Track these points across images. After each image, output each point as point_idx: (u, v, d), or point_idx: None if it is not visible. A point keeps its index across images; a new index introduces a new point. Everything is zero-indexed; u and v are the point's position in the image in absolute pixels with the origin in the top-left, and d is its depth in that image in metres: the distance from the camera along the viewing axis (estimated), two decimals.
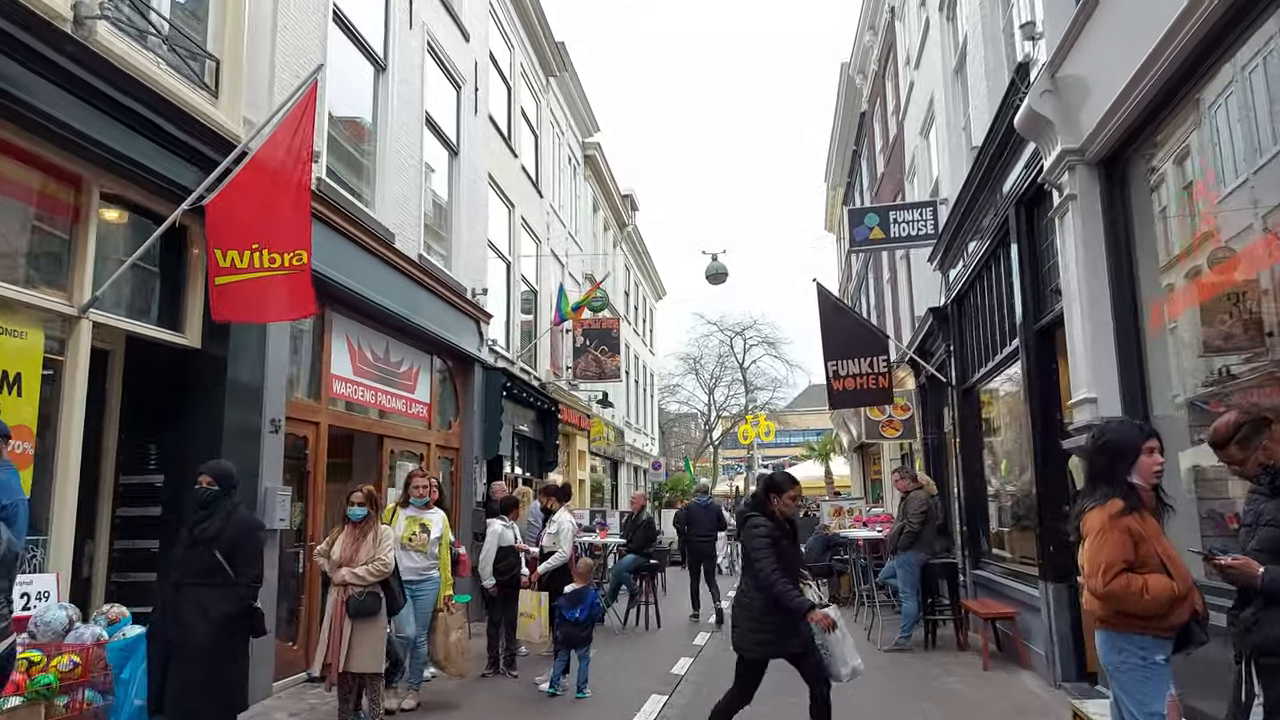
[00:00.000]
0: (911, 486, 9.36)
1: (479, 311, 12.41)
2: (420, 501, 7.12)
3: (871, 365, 10.80)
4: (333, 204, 8.37)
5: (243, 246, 5.20)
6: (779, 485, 5.11)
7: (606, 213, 24.18)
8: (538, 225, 16.50)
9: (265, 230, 5.24)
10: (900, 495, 9.47)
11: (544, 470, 16.40)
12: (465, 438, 12.23)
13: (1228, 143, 4.48)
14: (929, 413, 13.19)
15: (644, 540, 11.87)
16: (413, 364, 10.78)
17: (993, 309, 9.11)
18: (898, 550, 9.17)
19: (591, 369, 18.67)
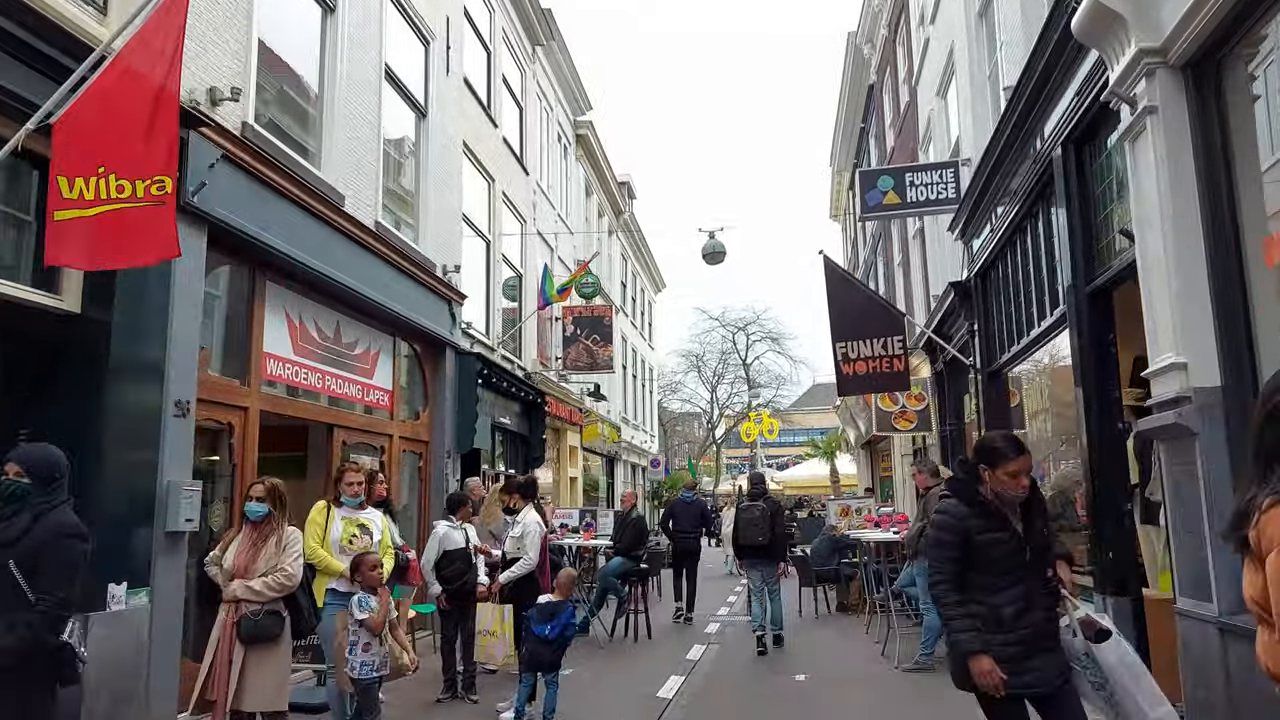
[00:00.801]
0: (932, 482, 8.16)
1: (451, 291, 11.24)
2: (353, 501, 5.95)
3: (885, 346, 9.60)
4: (262, 154, 7.21)
5: (89, 173, 4.03)
6: (997, 453, 3.47)
7: (601, 198, 23.01)
8: (522, 204, 15.33)
9: (118, 152, 4.07)
10: (918, 492, 8.27)
11: (529, 467, 15.21)
12: (436, 430, 11.06)
13: None
14: (947, 402, 12.00)
15: (633, 542, 10.70)
16: (371, 346, 9.62)
17: (1027, 278, 7.93)
18: (917, 555, 7.97)
19: (582, 359, 17.49)
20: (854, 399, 19.60)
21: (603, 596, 10.82)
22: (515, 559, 7.01)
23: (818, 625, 11.84)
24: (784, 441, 59.14)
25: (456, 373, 11.45)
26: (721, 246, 13.45)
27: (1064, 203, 6.34)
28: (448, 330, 11.16)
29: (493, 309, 13.56)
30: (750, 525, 9.39)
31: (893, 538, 9.31)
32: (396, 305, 9.74)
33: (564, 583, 6.43)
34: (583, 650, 9.89)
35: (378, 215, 9.52)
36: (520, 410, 14.78)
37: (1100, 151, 6.01)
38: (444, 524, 7.26)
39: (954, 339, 10.28)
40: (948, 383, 11.82)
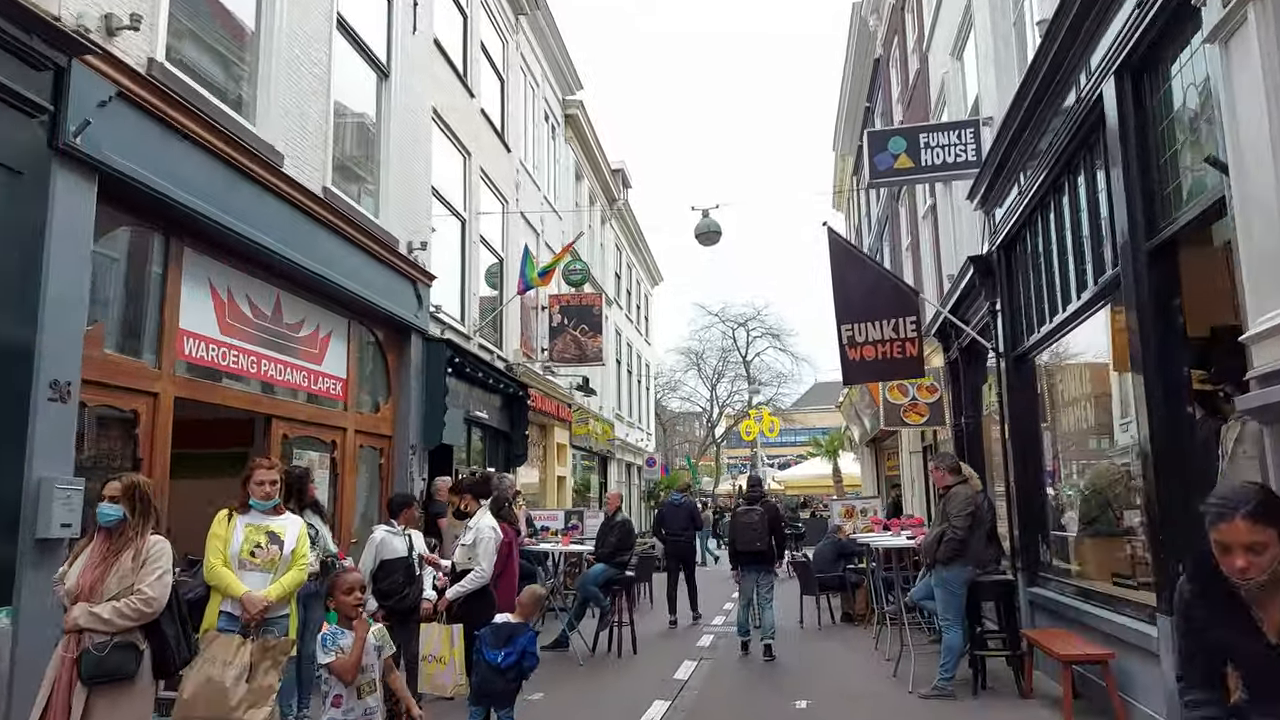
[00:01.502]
0: (953, 480, 7.13)
1: (416, 270, 10.20)
2: (264, 504, 4.91)
3: (897, 329, 8.56)
4: (176, 98, 6.19)
5: None
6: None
7: (593, 184, 21.97)
8: (503, 182, 14.29)
9: None
10: (940, 492, 7.23)
11: (510, 465, 14.18)
12: (400, 423, 10.03)
13: None
14: (962, 393, 10.94)
15: (617, 546, 9.67)
16: (320, 327, 8.59)
17: (1063, 246, 6.91)
18: (937, 563, 6.94)
19: (570, 351, 16.45)
20: (860, 394, 18.56)
21: (583, 607, 9.80)
22: (466, 571, 5.96)
23: (821, 637, 10.80)
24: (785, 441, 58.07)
25: (424, 361, 10.42)
26: (716, 225, 12.42)
27: (1118, 145, 5.30)
28: (413, 313, 10.12)
29: (469, 293, 12.52)
30: (747, 530, 8.92)
31: (907, 543, 8.25)
32: (351, 283, 8.71)
33: (527, 602, 5.39)
34: (558, 668, 8.88)
35: (327, 181, 8.49)
36: (501, 404, 13.74)
37: (1163, 80, 4.97)
38: (382, 529, 6.24)
39: (972, 321, 9.23)
40: (963, 372, 10.77)
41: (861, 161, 19.24)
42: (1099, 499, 7.49)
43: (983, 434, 10.52)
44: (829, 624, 11.64)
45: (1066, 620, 6.96)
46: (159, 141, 6.05)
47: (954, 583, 6.90)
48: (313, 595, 5.86)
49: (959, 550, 6.85)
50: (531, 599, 5.31)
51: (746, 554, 9.01)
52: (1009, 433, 8.28)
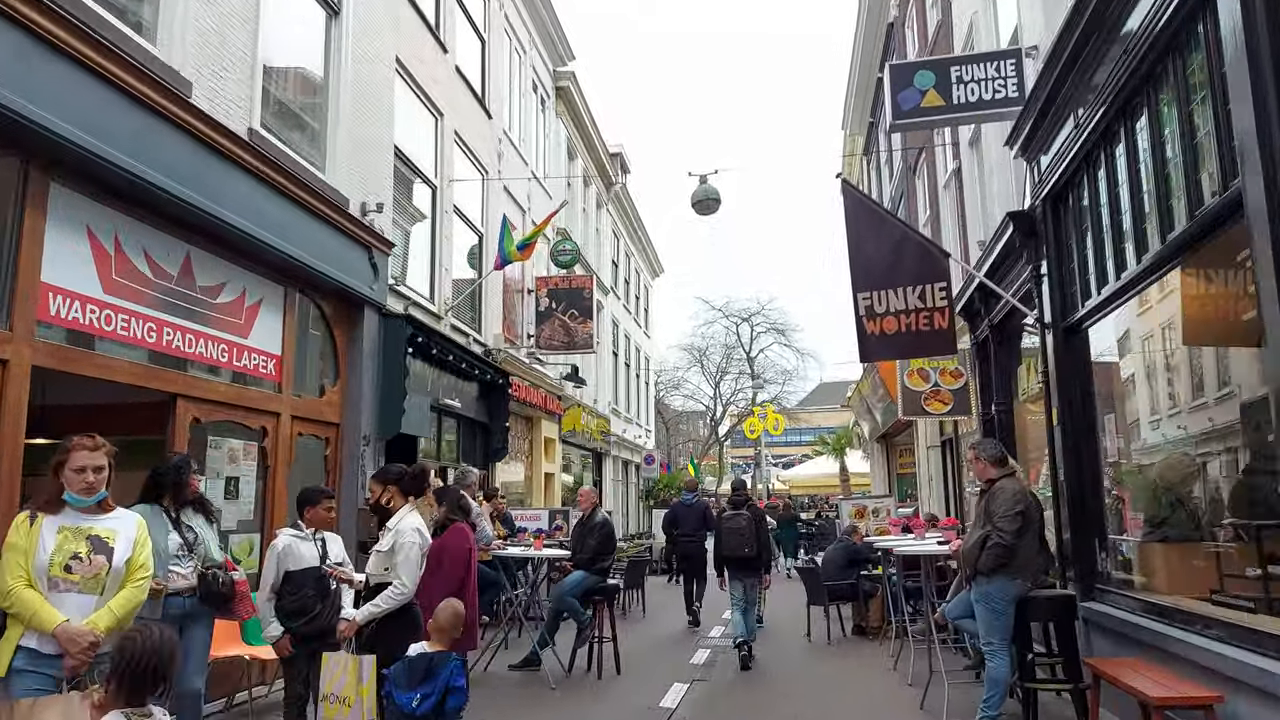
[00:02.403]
0: (997, 472, 5.83)
1: (371, 236, 8.94)
2: (83, 500, 3.65)
3: (924, 297, 7.27)
4: (46, 5, 4.95)
5: None
6: None
7: (587, 164, 20.69)
8: (483, 151, 13.03)
9: None
10: (981, 487, 5.92)
11: (489, 460, 12.94)
12: (349, 409, 8.77)
13: None
14: (993, 377, 9.65)
15: (596, 552, 8.40)
16: (246, 294, 7.33)
17: (1136, 185, 5.62)
18: (978, 575, 5.64)
19: (558, 337, 15.18)
20: (871, 386, 17.26)
21: (556, 620, 8.54)
22: (381, 586, 4.67)
23: (831, 654, 9.53)
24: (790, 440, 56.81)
25: (380, 339, 9.16)
26: (714, 193, 11.13)
27: (1236, 34, 4.01)
28: (367, 284, 8.86)
29: (440, 267, 11.26)
30: (735, 535, 8.65)
31: (939, 549, 6.92)
32: (288, 245, 7.46)
33: (444, 624, 4.13)
34: (525, 691, 7.69)
35: (254, 122, 7.22)
36: (479, 393, 12.49)
37: None
38: (287, 533, 4.99)
39: (1010, 289, 7.92)
40: (995, 353, 9.47)
41: (879, 116, 17.96)
42: (1169, 495, 6.21)
43: (1015, 424, 9.22)
44: (839, 636, 10.38)
45: (1136, 645, 5.68)
46: (13, 49, 4.80)
47: (999, 598, 5.60)
48: (189, 616, 4.61)
49: (1005, 558, 5.56)
50: (449, 618, 4.06)
51: (735, 560, 8.74)
52: (1059, 419, 6.98)
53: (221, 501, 6.91)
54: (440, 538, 6.17)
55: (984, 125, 9.28)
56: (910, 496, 18.03)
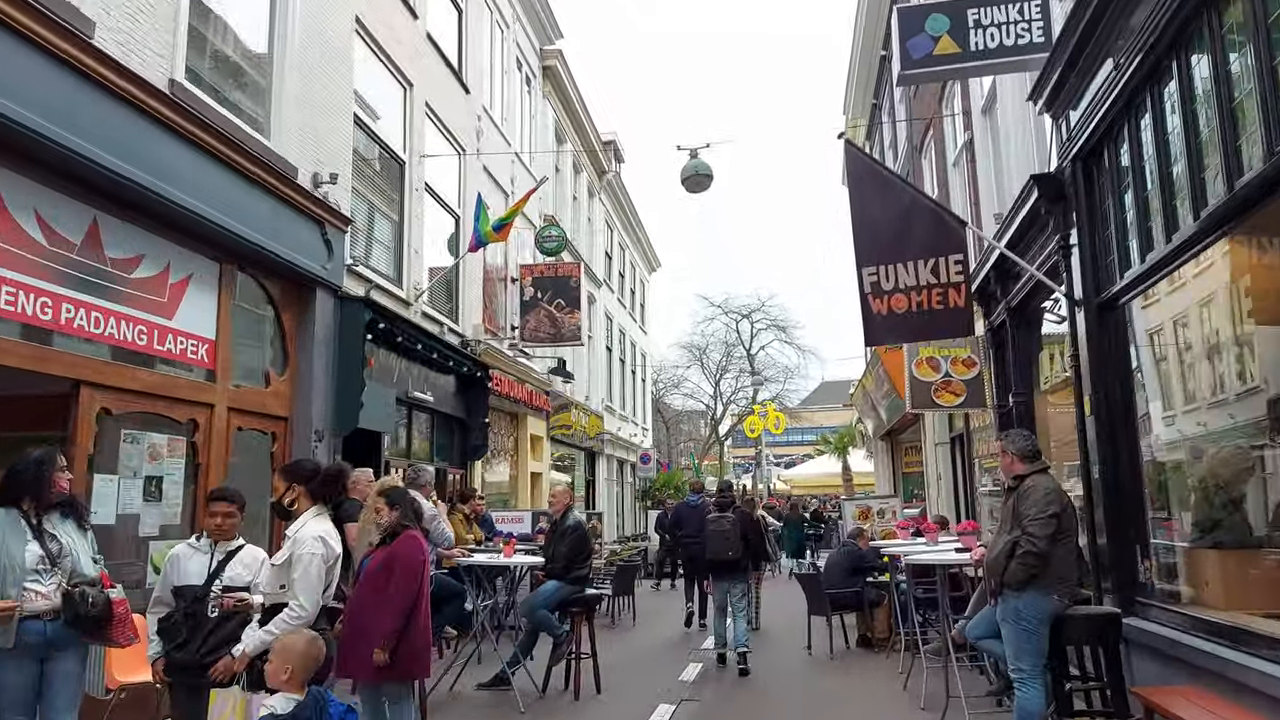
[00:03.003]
0: (1027, 468, 4.97)
1: (324, 210, 8.11)
2: None
3: (937, 271, 6.42)
4: None
5: None
6: None
7: (578, 150, 19.84)
8: (459, 127, 12.18)
9: None
10: (1008, 484, 5.06)
11: (467, 459, 12.10)
12: (300, 402, 7.94)
13: None
14: (1009, 366, 8.81)
15: (570, 558, 7.54)
16: (171, 269, 6.49)
17: (1194, 130, 4.79)
18: (1005, 588, 4.79)
19: (544, 329, 14.33)
20: (875, 381, 16.39)
21: (534, 638, 7.69)
22: (275, 608, 3.80)
23: (835, 670, 8.69)
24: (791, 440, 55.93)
25: (335, 324, 8.33)
26: (706, 168, 10.28)
27: None
28: (319, 263, 8.02)
29: (409, 250, 10.41)
30: (719, 538, 8.42)
31: (957, 558, 6.05)
32: (223, 215, 6.63)
33: (296, 661, 3.26)
34: (495, 713, 6.94)
35: (177, 74, 6.38)
36: (456, 387, 11.65)
37: None
38: (185, 542, 4.14)
39: (1034, 264, 7.05)
40: (1012, 339, 8.61)
41: (883, 95, 17.11)
42: (1222, 496, 5.38)
43: (1036, 417, 8.37)
44: (842, 649, 9.53)
45: (1186, 669, 4.84)
46: None
47: (1030, 616, 4.75)
48: (53, 644, 3.78)
49: (1037, 569, 4.70)
50: (301, 654, 3.20)
51: (718, 563, 8.51)
52: (1092, 407, 6.13)
53: (140, 504, 6.08)
54: (389, 546, 5.36)
55: (1001, 86, 8.43)
56: (916, 496, 17.18)
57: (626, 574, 12.18)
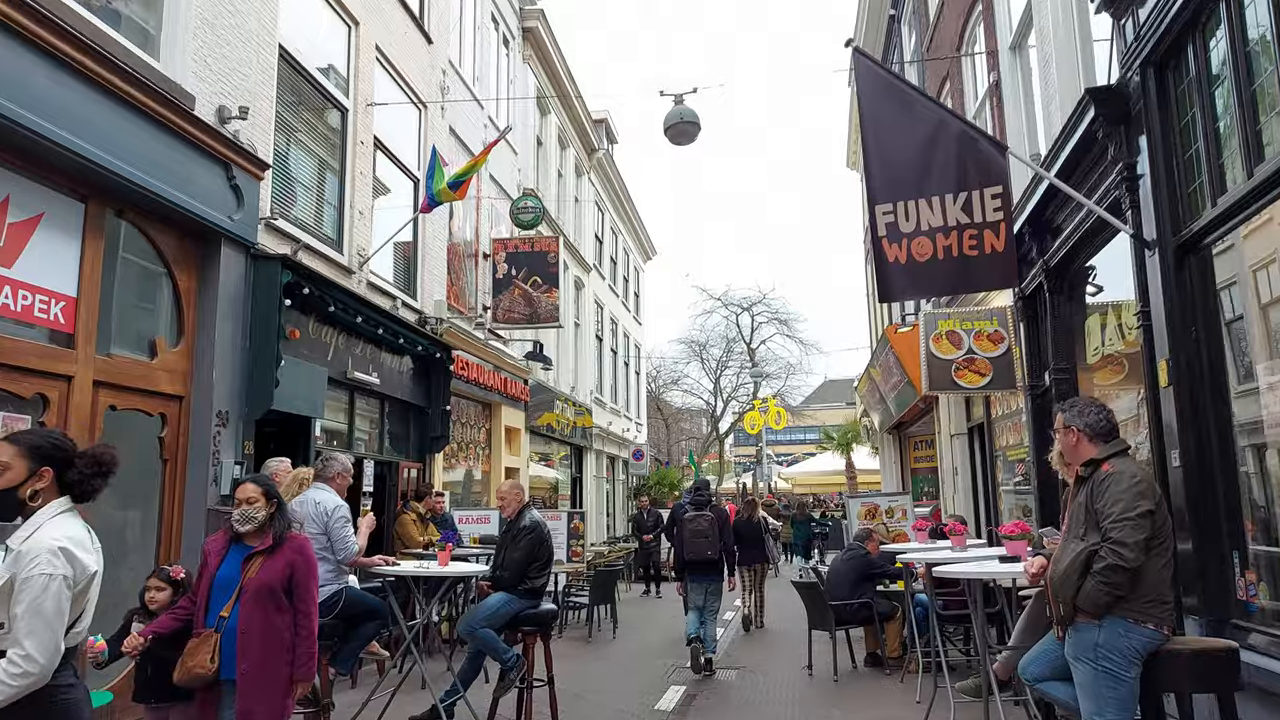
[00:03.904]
0: (1103, 450, 3.65)
1: (230, 150, 6.79)
2: None
3: (969, 209, 5.10)
4: None
5: None
6: None
7: (563, 122, 18.52)
8: (419, 79, 10.87)
9: None
10: (1076, 475, 3.71)
11: (426, 451, 10.78)
12: (200, 378, 6.63)
13: None
14: (1045, 338, 7.48)
15: (523, 566, 6.23)
16: (6, 202, 5.17)
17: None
18: (1080, 614, 3.47)
19: (519, 309, 13.02)
20: (884, 371, 15.04)
21: (478, 664, 6.39)
22: None
23: (841, 696, 7.40)
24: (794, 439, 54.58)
25: (247, 286, 7.01)
26: (692, 115, 8.93)
27: None
28: (224, 212, 6.71)
29: (351, 211, 9.09)
30: (697, 538, 8.16)
31: (1005, 571, 4.64)
32: (85, 144, 5.35)
33: None
34: None
35: None
36: (412, 370, 10.34)
37: None
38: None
39: (1092, 197, 5.68)
40: (1050, 307, 7.28)
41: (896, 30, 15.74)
42: None
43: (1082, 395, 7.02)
44: (848, 669, 8.24)
45: None
46: None
47: (1115, 652, 3.42)
48: None
49: (1125, 588, 3.39)
50: None
51: (697, 564, 8.27)
52: (1168, 377, 4.80)
53: None
54: (280, 554, 4.15)
55: (1038, 7, 7.10)
56: (927, 494, 15.86)
57: (606, 580, 10.87)
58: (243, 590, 4.09)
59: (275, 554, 4.16)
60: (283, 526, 4.27)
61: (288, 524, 4.36)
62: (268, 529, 4.21)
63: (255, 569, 4.13)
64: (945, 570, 4.72)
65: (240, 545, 4.21)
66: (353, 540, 5.55)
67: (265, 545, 4.16)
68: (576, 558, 12.95)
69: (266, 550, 4.16)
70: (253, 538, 4.19)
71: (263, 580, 4.08)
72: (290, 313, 7.36)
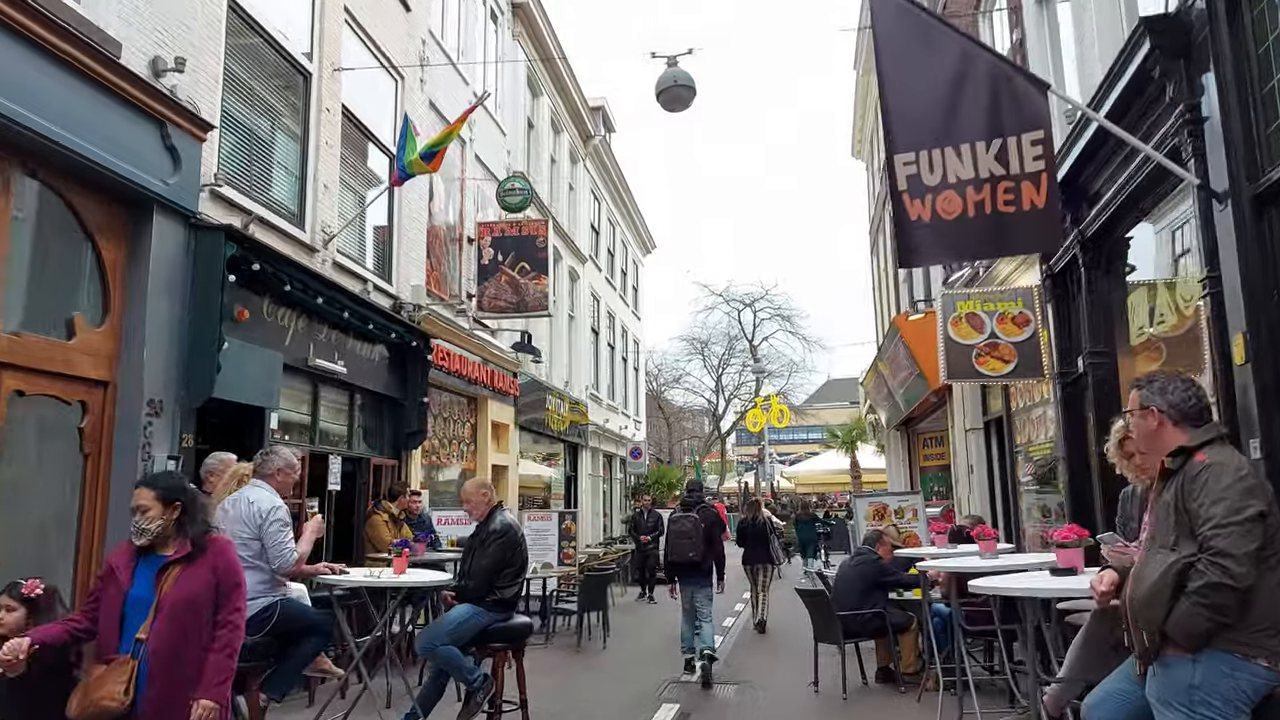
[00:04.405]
0: (1195, 436, 2.89)
1: (166, 106, 6.04)
2: None
3: (1004, 157, 4.34)
4: None
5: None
6: None
7: (557, 106, 17.76)
8: (394, 47, 10.12)
9: None
10: (1165, 466, 2.95)
11: (403, 447, 10.03)
12: (127, 362, 5.88)
13: None
14: (1079, 320, 6.71)
15: (491, 574, 5.49)
16: None
17: None
18: (1170, 645, 2.71)
19: (505, 296, 12.26)
20: (892, 365, 14.26)
21: (438, 685, 5.64)
22: None
23: (850, 714, 6.66)
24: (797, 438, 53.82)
25: (187, 260, 6.26)
26: (686, 78, 8.15)
27: None
28: (158, 176, 5.96)
29: (315, 185, 8.34)
30: (680, 538, 8.02)
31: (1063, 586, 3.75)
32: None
33: None
34: None
35: None
36: (387, 360, 9.59)
37: None
38: None
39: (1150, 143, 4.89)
40: (1086, 284, 6.50)
41: None
42: None
43: (1121, 385, 6.27)
44: (858, 685, 7.49)
45: None
46: None
47: (1218, 696, 2.65)
48: None
49: (1231, 611, 2.63)
50: None
51: (681, 565, 8.12)
52: (1245, 353, 4.04)
53: None
54: (202, 561, 3.53)
55: None
56: (937, 493, 15.09)
57: (597, 585, 10.11)
58: (159, 607, 3.42)
59: (196, 562, 3.52)
60: (200, 529, 3.61)
61: (206, 525, 3.70)
62: (181, 534, 3.54)
63: (171, 581, 3.48)
64: (984, 586, 3.91)
65: (153, 555, 3.54)
66: (291, 547, 4.81)
67: (181, 553, 3.50)
68: (568, 560, 12.22)
69: (184, 559, 3.50)
70: (164, 546, 3.53)
71: (181, 594, 3.46)
72: (238, 291, 6.62)
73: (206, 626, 3.43)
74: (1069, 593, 3.55)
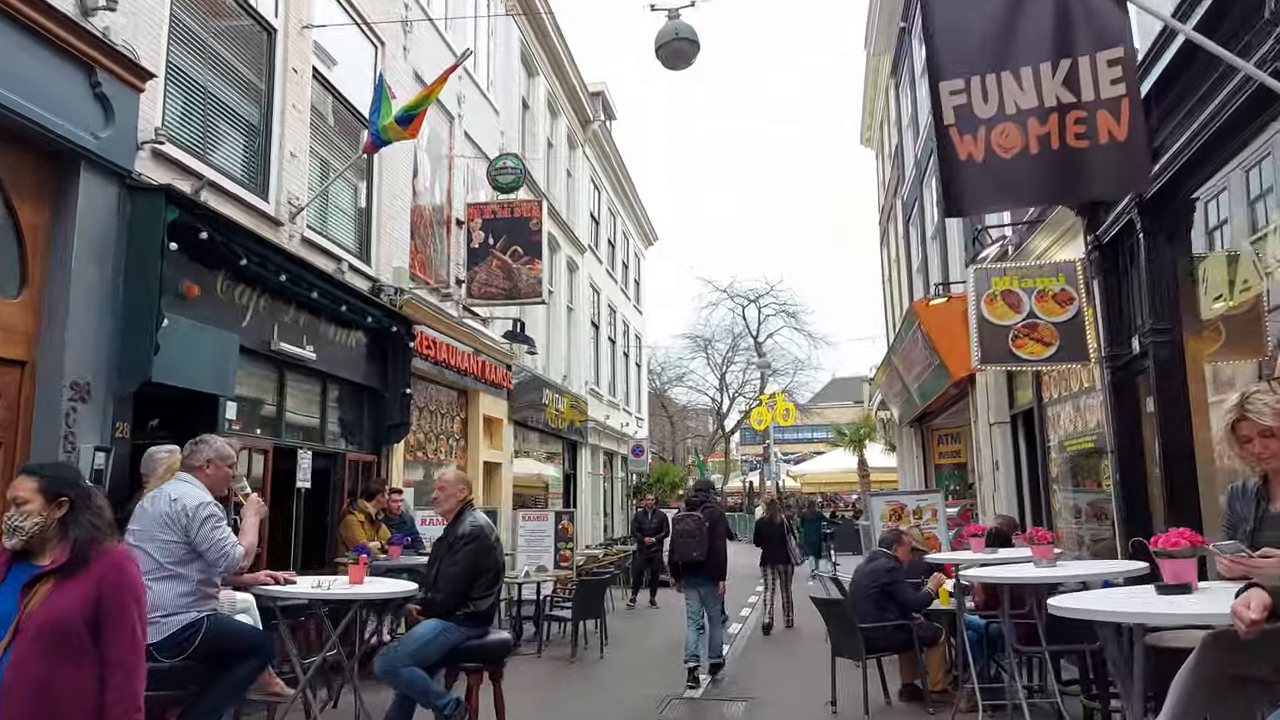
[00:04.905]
0: None
1: (96, 48, 5.29)
2: None
3: (1074, 83, 3.56)
4: None
5: None
6: None
7: (554, 88, 17.01)
8: (369, 6, 9.34)
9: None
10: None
11: (383, 442, 9.28)
12: (48, 339, 5.13)
13: None
14: (1134, 296, 5.94)
15: (460, 585, 4.74)
16: None
17: None
18: None
19: (496, 282, 11.50)
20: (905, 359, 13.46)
21: (404, 711, 4.87)
22: None
23: None
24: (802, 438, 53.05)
25: (120, 224, 5.51)
26: (689, 31, 7.36)
27: None
28: (85, 128, 5.21)
29: (280, 151, 7.59)
30: (684, 538, 7.75)
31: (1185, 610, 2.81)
32: None
33: None
34: None
35: None
36: (365, 347, 8.85)
37: None
38: None
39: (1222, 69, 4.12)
40: (1145, 253, 5.71)
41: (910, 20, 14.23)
42: None
43: (1187, 367, 5.49)
44: (880, 704, 6.71)
45: None
46: None
47: None
48: None
49: None
50: None
51: (685, 565, 7.88)
52: None
53: None
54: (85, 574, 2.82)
55: None
56: (953, 492, 14.31)
57: (593, 591, 9.34)
58: (18, 628, 2.69)
59: (74, 576, 2.77)
60: (86, 534, 2.85)
61: (95, 530, 2.92)
62: (60, 540, 2.81)
63: (40, 598, 2.74)
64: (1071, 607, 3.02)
65: (24, 564, 2.81)
66: (233, 541, 4.06)
67: (56, 563, 2.77)
68: (565, 563, 11.49)
69: (58, 571, 2.76)
70: (41, 553, 2.80)
71: (48, 616, 2.71)
72: (184, 264, 5.88)
73: (80, 659, 2.69)
74: (1194, 619, 2.74)
